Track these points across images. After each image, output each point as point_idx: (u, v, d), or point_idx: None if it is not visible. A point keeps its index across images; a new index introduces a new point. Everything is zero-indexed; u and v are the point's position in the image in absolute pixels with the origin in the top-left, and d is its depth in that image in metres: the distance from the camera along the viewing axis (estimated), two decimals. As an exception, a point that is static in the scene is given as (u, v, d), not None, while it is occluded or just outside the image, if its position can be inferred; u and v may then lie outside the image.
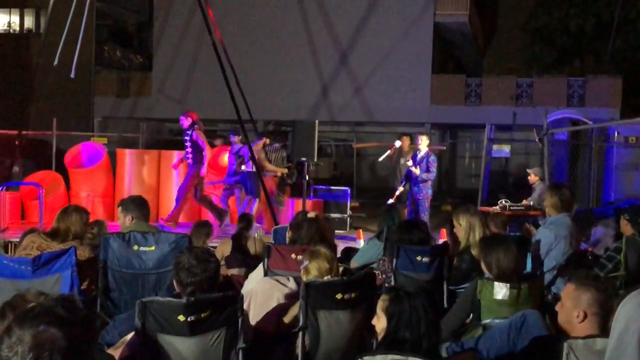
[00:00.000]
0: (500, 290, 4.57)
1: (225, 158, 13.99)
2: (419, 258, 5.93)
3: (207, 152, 11.87)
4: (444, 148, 24.08)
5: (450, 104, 27.34)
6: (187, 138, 11.95)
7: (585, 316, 3.47)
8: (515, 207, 10.84)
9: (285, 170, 12.92)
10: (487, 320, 4.55)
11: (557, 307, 3.58)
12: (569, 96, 26.40)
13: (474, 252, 5.87)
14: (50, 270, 4.86)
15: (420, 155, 11.79)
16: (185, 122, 11.96)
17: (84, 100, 29.86)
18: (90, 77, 29.58)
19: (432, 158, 11.74)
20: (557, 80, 27.09)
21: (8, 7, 30.20)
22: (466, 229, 6.14)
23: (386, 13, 26.86)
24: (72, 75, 12.80)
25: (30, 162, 16.77)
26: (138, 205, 5.95)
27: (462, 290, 5.49)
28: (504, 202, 10.95)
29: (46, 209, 11.72)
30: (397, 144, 12.98)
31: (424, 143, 11.83)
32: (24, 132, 14.58)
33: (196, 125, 11.89)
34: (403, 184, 12.28)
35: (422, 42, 27.17)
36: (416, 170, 11.69)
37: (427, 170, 11.63)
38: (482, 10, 33.80)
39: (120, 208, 5.99)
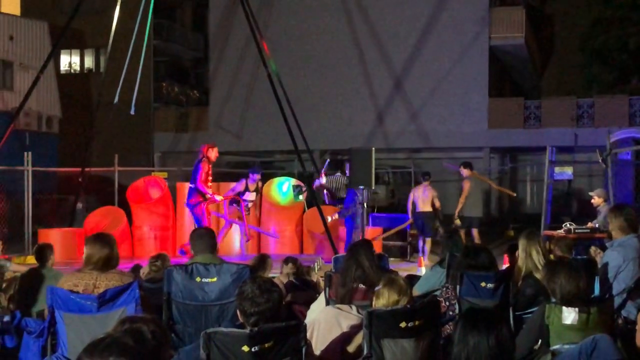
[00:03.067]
0: (569, 315, 4.45)
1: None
2: (483, 284, 5.80)
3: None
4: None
5: (508, 127, 27.00)
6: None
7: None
8: (580, 230, 10.61)
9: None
10: (557, 346, 4.43)
11: (638, 327, 3.47)
12: (631, 115, 25.89)
13: (538, 275, 5.77)
14: (114, 305, 4.91)
15: None
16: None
17: (144, 136, 30.48)
18: (149, 113, 30.23)
19: None
20: (618, 100, 26.54)
21: (69, 48, 31.10)
22: (522, 254, 6.06)
23: (440, 38, 26.78)
24: (132, 112, 13.07)
25: (93, 198, 17.09)
26: (203, 238, 6.00)
27: (528, 315, 5.37)
28: (568, 225, 10.74)
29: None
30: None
31: None
32: (86, 169, 14.89)
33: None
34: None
35: (478, 66, 26.96)
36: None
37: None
38: (538, 31, 33.42)
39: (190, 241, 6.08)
